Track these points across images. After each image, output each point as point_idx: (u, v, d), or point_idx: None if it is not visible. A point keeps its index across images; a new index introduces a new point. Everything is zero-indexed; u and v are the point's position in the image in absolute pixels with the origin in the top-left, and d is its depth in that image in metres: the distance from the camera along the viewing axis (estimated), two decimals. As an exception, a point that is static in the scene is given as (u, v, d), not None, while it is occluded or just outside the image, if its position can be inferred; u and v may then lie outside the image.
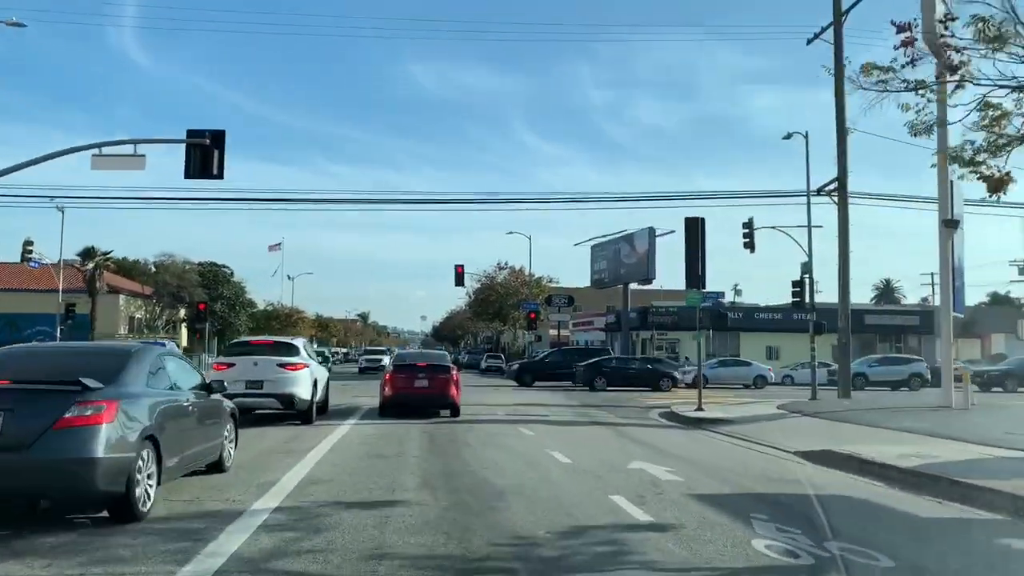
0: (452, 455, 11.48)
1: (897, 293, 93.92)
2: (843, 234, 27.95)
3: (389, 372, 18.52)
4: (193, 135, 20.78)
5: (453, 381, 18.33)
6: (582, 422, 18.38)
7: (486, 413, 20.21)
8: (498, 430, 15.45)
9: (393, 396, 18.08)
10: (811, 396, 27.99)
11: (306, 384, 15.38)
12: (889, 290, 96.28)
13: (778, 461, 12.14)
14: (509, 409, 21.65)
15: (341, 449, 11.87)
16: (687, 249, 22.26)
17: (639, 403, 26.73)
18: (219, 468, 9.54)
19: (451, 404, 18.21)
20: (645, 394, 31.81)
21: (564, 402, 26.28)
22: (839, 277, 28.18)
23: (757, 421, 19.18)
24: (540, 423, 17.44)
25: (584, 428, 16.72)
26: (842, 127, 27.96)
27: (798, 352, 50.60)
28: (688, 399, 28.80)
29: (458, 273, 53.61)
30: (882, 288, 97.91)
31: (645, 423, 19.11)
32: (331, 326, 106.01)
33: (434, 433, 14.43)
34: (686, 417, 20.01)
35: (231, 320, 68.00)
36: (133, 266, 68.19)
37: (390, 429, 15.10)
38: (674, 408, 22.53)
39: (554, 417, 19.63)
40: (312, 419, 15.74)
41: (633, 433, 15.99)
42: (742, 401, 27.00)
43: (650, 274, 49.55)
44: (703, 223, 22.52)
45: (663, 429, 17.80)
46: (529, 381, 38.00)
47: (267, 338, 19.43)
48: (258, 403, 15.14)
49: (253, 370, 14.99)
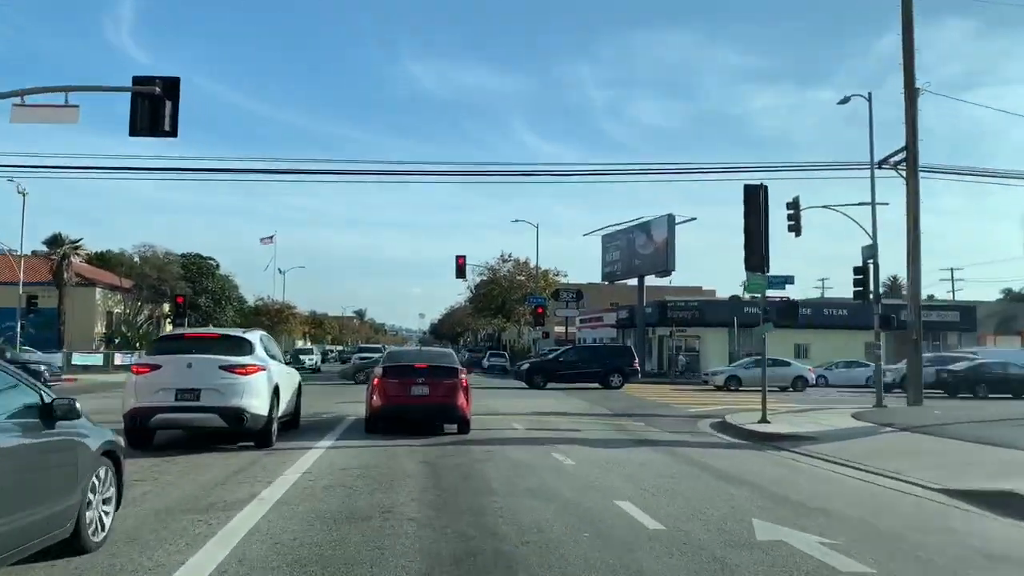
0: (470, 513, 7.32)
1: (905, 291, 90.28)
2: (913, 213, 23.77)
3: (378, 376, 14.32)
4: (140, 82, 16.88)
5: (461, 387, 14.20)
6: (626, 442, 14.23)
7: (500, 426, 16.07)
8: (526, 457, 11.30)
9: (383, 407, 13.97)
10: (876, 403, 23.95)
11: (261, 393, 11.21)
12: (896, 287, 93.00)
13: (940, 509, 8.42)
14: (527, 420, 17.51)
15: (296, 500, 7.67)
16: (747, 223, 18.09)
17: (678, 409, 22.61)
18: (78, 546, 5.48)
19: (459, 418, 14.12)
20: (674, 394, 27.63)
21: (587, 409, 22.16)
22: (908, 264, 24.00)
23: (844, 438, 15.12)
24: (575, 443, 13.30)
25: (635, 452, 12.57)
26: (911, 84, 23.84)
27: (829, 350, 46.57)
28: (731, 404, 24.83)
29: (459, 265, 49.33)
30: (890, 285, 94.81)
31: (705, 442, 14.98)
32: (325, 323, 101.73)
33: (438, 465, 10.26)
34: (752, 432, 15.92)
35: (216, 315, 63.80)
36: (113, 258, 63.85)
37: (376, 457, 10.93)
38: (729, 419, 18.43)
39: (587, 432, 15.49)
40: (271, 440, 11.60)
41: (705, 460, 11.85)
42: (800, 408, 22.86)
43: (669, 265, 45.41)
44: (766, 192, 18.37)
45: (734, 451, 13.67)
46: (541, 383, 33.85)
47: (208, 331, 15.28)
48: (192, 420, 10.99)
49: (186, 374, 10.82)
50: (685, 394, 30.98)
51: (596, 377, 34.42)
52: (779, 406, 24.11)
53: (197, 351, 11.15)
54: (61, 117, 17.39)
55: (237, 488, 8.19)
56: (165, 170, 24.20)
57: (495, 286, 61.35)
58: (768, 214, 18.39)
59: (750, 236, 18.13)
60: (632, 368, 34.88)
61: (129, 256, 59.55)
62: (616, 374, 33.99)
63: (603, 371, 34.39)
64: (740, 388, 34.43)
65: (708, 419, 19.75)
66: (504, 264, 61.44)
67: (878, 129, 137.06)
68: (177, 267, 59.70)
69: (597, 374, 34.48)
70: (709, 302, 51.75)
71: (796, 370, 35.41)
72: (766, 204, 18.34)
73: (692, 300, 48.67)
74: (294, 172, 25.74)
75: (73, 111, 17.18)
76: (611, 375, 34.09)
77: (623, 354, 35.67)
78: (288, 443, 12.15)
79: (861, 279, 24.86)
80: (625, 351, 36.21)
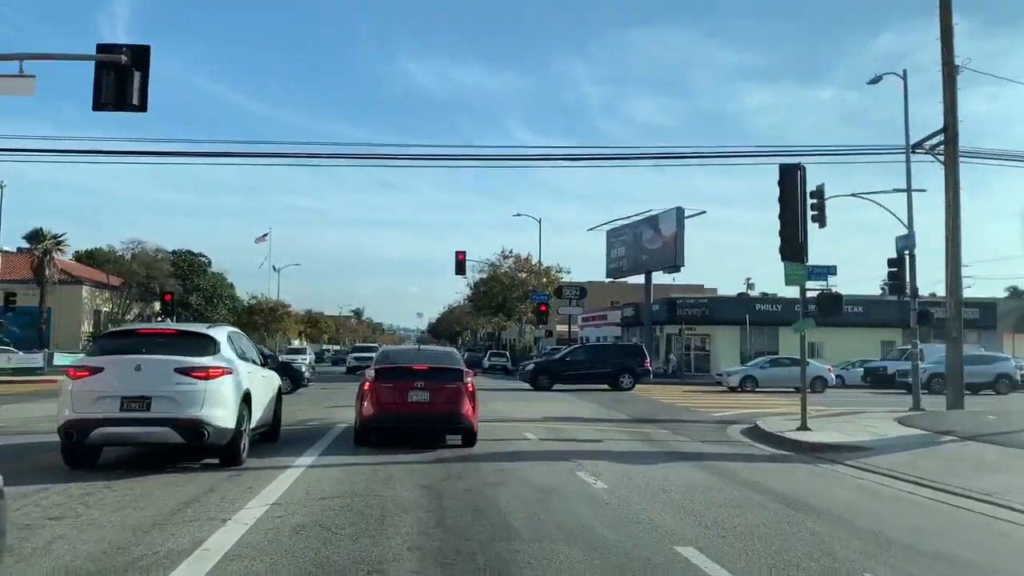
0: (487, 562, 5.40)
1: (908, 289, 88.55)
2: (952, 201, 21.80)
3: (370, 380, 12.36)
4: (105, 50, 15.12)
5: (467, 393, 12.26)
6: (658, 455, 12.29)
7: (511, 435, 14.15)
8: (548, 479, 9.36)
9: (376, 417, 12.03)
10: (913, 405, 22.11)
11: (226, 402, 9.25)
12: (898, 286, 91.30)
13: None
14: (540, 428, 15.59)
15: (252, 553, 5.67)
16: (783, 207, 16.18)
17: (699, 414, 20.69)
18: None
19: (465, 429, 12.20)
20: (689, 396, 25.64)
21: (603, 413, 20.23)
22: (947, 255, 22.03)
23: (902, 448, 13.24)
24: (600, 458, 11.36)
25: (674, 470, 10.64)
26: (950, 60, 21.95)
27: (842, 349, 44.56)
28: (753, 406, 22.93)
29: (459, 260, 47.27)
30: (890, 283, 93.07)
31: (745, 453, 13.07)
32: (322, 322, 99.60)
33: (442, 491, 8.31)
34: (794, 442, 14.02)
35: (208, 314, 61.78)
36: (101, 255, 61.80)
37: (366, 480, 8.99)
38: (761, 425, 16.53)
39: (610, 443, 13.56)
40: (239, 458, 9.65)
41: (757, 479, 9.93)
42: (831, 412, 20.92)
43: (678, 261, 43.46)
44: (803, 172, 16.47)
45: (782, 465, 11.76)
46: (547, 384, 31.89)
47: (165, 326, 13.28)
48: (141, 435, 9.01)
49: (134, 379, 8.86)
50: (700, 396, 29.07)
51: (605, 378, 32.51)
52: (792, 410, 22.23)
53: (149, 351, 9.17)
54: (15, 88, 15.56)
55: (179, 531, 6.24)
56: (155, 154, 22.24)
57: (495, 283, 59.34)
58: (806, 197, 16.51)
59: (786, 221, 16.20)
60: (643, 368, 32.95)
61: (117, 253, 57.51)
62: (626, 374, 32.04)
63: (613, 371, 32.45)
64: (756, 389, 32.57)
65: (736, 425, 17.88)
66: (505, 260, 59.42)
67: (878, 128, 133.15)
68: (167, 264, 57.71)
69: (606, 375, 32.55)
70: (719, 299, 49.94)
71: (815, 370, 33.40)
72: (803, 186, 16.43)
73: (701, 297, 46.74)
74: (279, 155, 23.71)
75: (29, 81, 15.37)
76: (621, 376, 32.16)
77: (634, 353, 33.68)
78: (262, 459, 10.22)
79: (896, 272, 22.99)
80: (636, 350, 34.25)
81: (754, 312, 45.87)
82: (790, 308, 49.08)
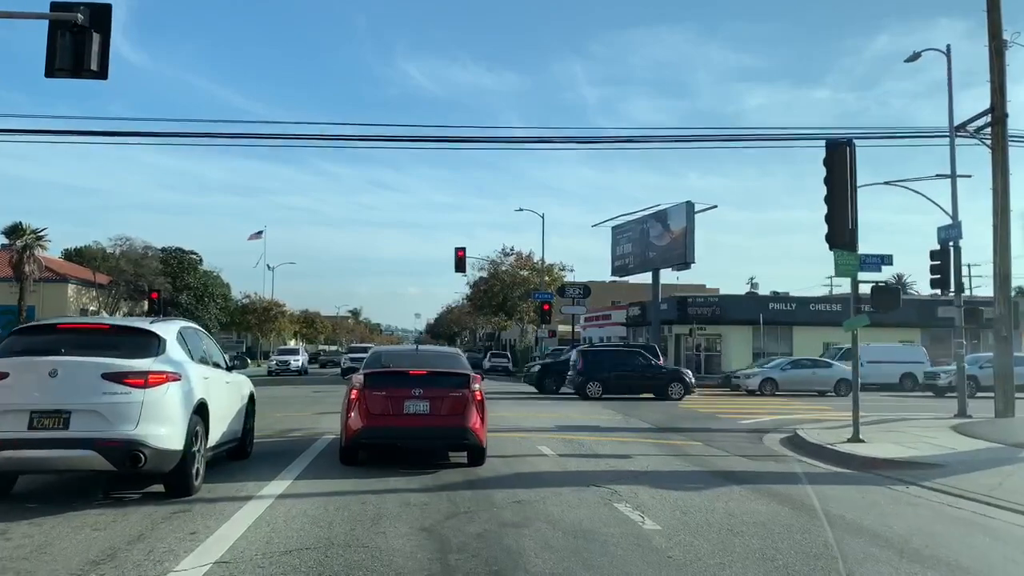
0: None
1: (911, 288, 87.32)
2: (1001, 187, 19.87)
3: (358, 387, 10.36)
4: (59, 8, 13.22)
5: (475, 403, 10.28)
6: (702, 476, 10.31)
7: (524, 450, 12.15)
8: (579, 512, 7.38)
9: (364, 432, 10.04)
10: (958, 411, 20.17)
11: (171, 416, 7.23)
12: (901, 285, 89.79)
13: None
14: (557, 442, 13.60)
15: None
16: (830, 188, 14.21)
17: (726, 421, 18.69)
18: None
19: (472, 446, 10.26)
20: (706, 400, 23.62)
21: (620, 421, 18.26)
22: (996, 246, 20.09)
23: (981, 467, 11.28)
24: (637, 482, 9.37)
25: (728, 497, 8.67)
26: (997, 34, 20.03)
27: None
28: (780, 412, 20.95)
29: (459, 258, 45.23)
30: (893, 283, 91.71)
31: (800, 473, 11.08)
32: (318, 322, 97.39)
33: (447, 537, 6.30)
34: (851, 456, 12.07)
35: (198, 314, 59.69)
36: (87, 251, 59.66)
37: (349, 520, 6.97)
38: (804, 435, 14.57)
39: (641, 460, 11.56)
40: (190, 487, 7.63)
41: (835, 510, 7.93)
42: (870, 419, 18.83)
43: (688, 257, 41.40)
44: (853, 149, 14.50)
45: (854, 488, 9.78)
46: (553, 387, 29.92)
47: (92, 320, 11.21)
48: (57, 460, 6.94)
49: (49, 387, 6.85)
50: (718, 400, 27.10)
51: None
52: (838, 416, 20.29)
53: (70, 351, 7.15)
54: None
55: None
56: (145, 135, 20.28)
57: (496, 282, 57.32)
58: (855, 176, 14.53)
59: (835, 204, 14.20)
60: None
61: (104, 249, 55.35)
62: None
63: (623, 374, 30.43)
64: (776, 392, 30.61)
65: (772, 434, 15.94)
66: (506, 258, 57.41)
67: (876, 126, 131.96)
68: (156, 262, 55.59)
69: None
70: (730, 298, 47.92)
71: (839, 372, 31.46)
72: (853, 164, 14.45)
73: (712, 296, 44.75)
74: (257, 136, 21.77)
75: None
76: (632, 378, 30.14)
77: (647, 354, 31.57)
78: (222, 486, 8.23)
79: (939, 265, 21.01)
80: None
81: (767, 311, 43.93)
82: (804, 307, 47.44)
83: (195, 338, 8.76)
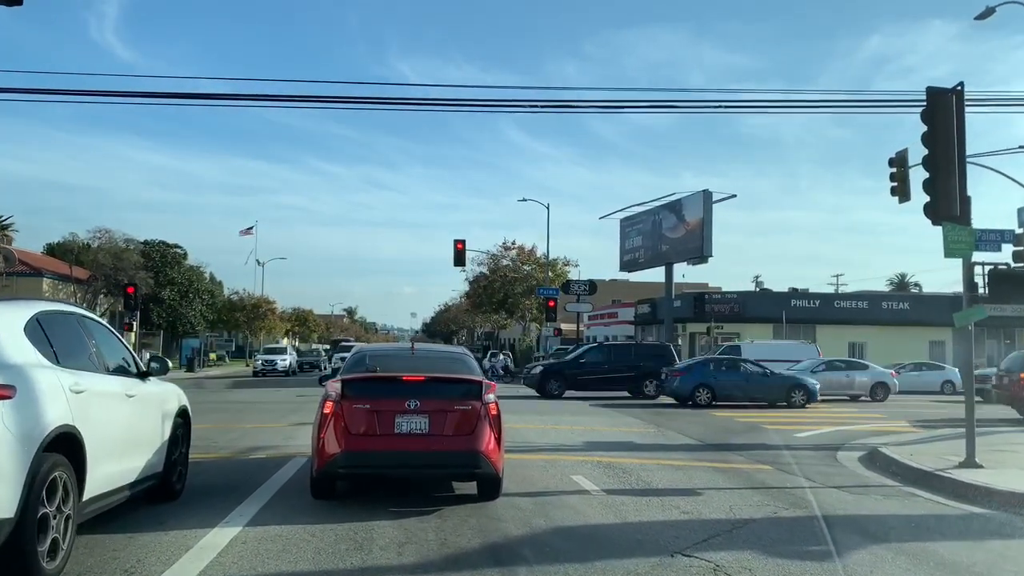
0: None
1: (913, 288, 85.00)
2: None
3: (334, 397, 7.43)
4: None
5: (489, 419, 7.41)
6: (805, 522, 7.38)
7: (553, 482, 9.21)
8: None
9: (343, 457, 7.19)
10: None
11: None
12: (903, 285, 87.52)
13: None
14: (590, 466, 10.64)
15: None
16: (932, 149, 11.31)
17: (774, 434, 15.65)
18: None
19: (487, 476, 7.48)
20: (734, 406, 20.59)
21: (655, 435, 15.35)
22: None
23: None
24: (733, 542, 6.46)
25: (863, 560, 5.78)
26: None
27: (888, 350, 39.45)
28: (827, 420, 17.92)
29: (458, 250, 42.24)
30: (896, 282, 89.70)
31: (928, 515, 8.17)
32: (310, 320, 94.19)
33: None
34: (974, 487, 9.17)
35: (182, 310, 56.68)
36: (64, 244, 56.55)
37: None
38: (890, 453, 11.69)
39: (717, 498, 8.61)
40: (37, 570, 4.64)
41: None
42: (939, 433, 15.87)
43: (705, 250, 38.50)
44: (961, 97, 11.62)
45: (1018, 544, 6.89)
46: (557, 391, 26.95)
47: None
48: None
49: None
50: (747, 406, 24.11)
51: (627, 383, 27.62)
52: (897, 427, 17.40)
53: None
54: None
55: None
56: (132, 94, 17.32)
57: (496, 277, 54.35)
58: (964, 132, 11.64)
59: (939, 168, 11.31)
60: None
61: (81, 242, 52.24)
62: (651, 380, 27.06)
63: (636, 375, 27.56)
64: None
65: (845, 452, 13.06)
66: (507, 252, 54.43)
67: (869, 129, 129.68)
68: (136, 255, 52.50)
69: (628, 379, 27.66)
70: (750, 295, 45.10)
71: (876, 374, 28.52)
72: (961, 118, 11.57)
73: (731, 292, 41.88)
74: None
75: None
76: (646, 381, 27.28)
77: (662, 355, 28.65)
78: (112, 555, 5.29)
79: (1022, 251, 18.16)
80: (664, 350, 29.27)
81: (789, 309, 41.10)
82: (829, 304, 44.46)
83: (69, 330, 5.75)
